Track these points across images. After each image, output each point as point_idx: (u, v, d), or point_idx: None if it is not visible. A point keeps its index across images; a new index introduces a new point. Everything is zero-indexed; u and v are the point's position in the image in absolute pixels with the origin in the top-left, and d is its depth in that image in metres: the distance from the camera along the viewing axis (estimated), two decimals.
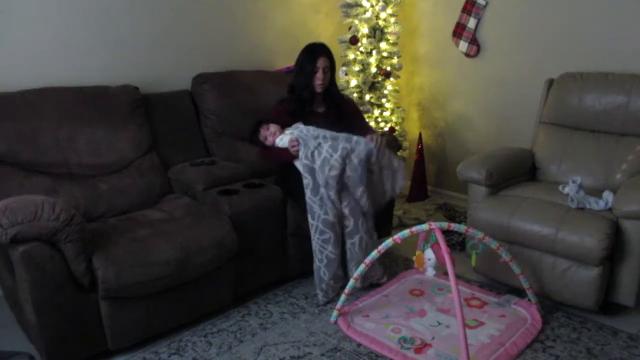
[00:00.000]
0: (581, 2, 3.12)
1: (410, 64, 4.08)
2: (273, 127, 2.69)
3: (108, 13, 2.87)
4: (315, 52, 2.69)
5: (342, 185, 2.51)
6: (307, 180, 2.50)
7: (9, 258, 1.95)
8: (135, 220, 2.38)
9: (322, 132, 2.58)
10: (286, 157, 2.61)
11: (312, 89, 2.71)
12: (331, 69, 2.74)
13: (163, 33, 3.11)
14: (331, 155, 2.48)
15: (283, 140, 2.64)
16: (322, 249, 2.50)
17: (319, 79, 2.69)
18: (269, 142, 2.70)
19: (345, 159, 2.50)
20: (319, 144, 2.52)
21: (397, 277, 2.78)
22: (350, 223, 2.53)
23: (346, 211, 2.51)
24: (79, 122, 2.56)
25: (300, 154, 2.54)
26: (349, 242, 2.55)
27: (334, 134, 2.59)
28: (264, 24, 3.62)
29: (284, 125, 2.71)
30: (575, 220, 2.35)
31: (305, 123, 2.68)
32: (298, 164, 2.59)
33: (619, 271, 2.35)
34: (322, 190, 2.47)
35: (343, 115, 2.81)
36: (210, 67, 3.25)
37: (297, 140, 2.55)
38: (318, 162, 2.49)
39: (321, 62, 2.67)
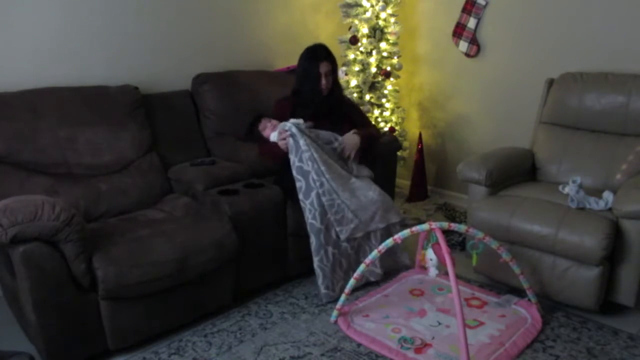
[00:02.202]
0: (581, 2, 3.12)
1: (410, 64, 4.08)
2: (275, 121, 2.71)
3: (108, 13, 2.87)
4: (317, 57, 2.67)
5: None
6: (299, 183, 2.51)
7: (9, 258, 1.95)
8: (135, 220, 2.38)
9: (314, 132, 2.59)
10: (278, 152, 2.62)
11: (319, 93, 2.71)
12: (333, 71, 2.72)
13: (163, 33, 3.11)
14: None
15: (275, 135, 2.65)
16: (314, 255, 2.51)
17: (322, 84, 2.68)
18: (266, 133, 2.70)
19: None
20: (309, 148, 2.52)
21: (397, 277, 2.78)
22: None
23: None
24: (79, 122, 2.56)
25: (292, 157, 2.53)
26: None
27: (324, 135, 2.63)
28: (264, 24, 3.62)
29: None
30: (575, 221, 2.35)
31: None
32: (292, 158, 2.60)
33: (619, 271, 2.35)
34: (313, 194, 2.47)
35: (344, 115, 2.81)
36: (211, 67, 3.25)
37: (284, 132, 2.55)
38: (309, 164, 2.50)
39: (323, 68, 2.66)
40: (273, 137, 2.67)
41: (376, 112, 3.73)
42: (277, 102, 2.83)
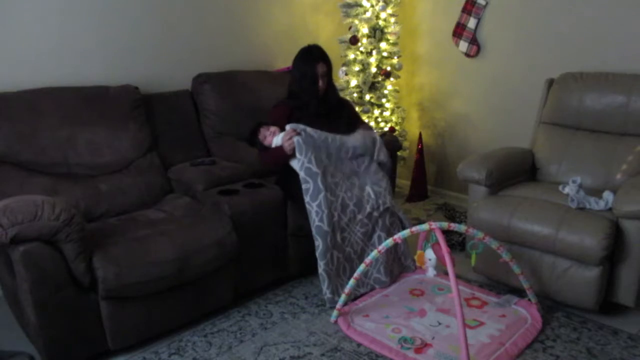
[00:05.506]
0: (581, 2, 3.12)
1: (410, 64, 4.08)
2: (273, 127, 2.70)
3: (108, 13, 2.87)
4: (313, 58, 2.67)
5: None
6: (307, 185, 2.49)
7: (9, 258, 1.95)
8: (135, 220, 2.38)
9: (324, 135, 2.60)
10: (282, 156, 2.60)
11: (317, 94, 2.70)
12: (328, 71, 2.72)
13: (163, 33, 3.11)
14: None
15: (278, 138, 2.64)
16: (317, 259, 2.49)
17: (320, 85, 2.68)
18: (267, 142, 2.70)
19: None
20: (318, 149, 2.54)
21: (397, 277, 2.78)
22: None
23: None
24: (79, 122, 2.56)
25: (300, 157, 2.51)
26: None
27: (338, 139, 2.65)
28: (264, 24, 3.62)
29: (282, 128, 2.70)
30: (575, 220, 2.35)
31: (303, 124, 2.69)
32: (295, 165, 2.58)
33: (619, 271, 2.35)
34: (321, 196, 2.46)
35: (340, 116, 2.80)
36: (211, 67, 3.25)
37: (293, 131, 2.55)
38: (316, 167, 2.51)
39: (320, 68, 2.66)
40: (276, 141, 2.66)
41: (376, 112, 3.73)
42: (273, 108, 2.81)
